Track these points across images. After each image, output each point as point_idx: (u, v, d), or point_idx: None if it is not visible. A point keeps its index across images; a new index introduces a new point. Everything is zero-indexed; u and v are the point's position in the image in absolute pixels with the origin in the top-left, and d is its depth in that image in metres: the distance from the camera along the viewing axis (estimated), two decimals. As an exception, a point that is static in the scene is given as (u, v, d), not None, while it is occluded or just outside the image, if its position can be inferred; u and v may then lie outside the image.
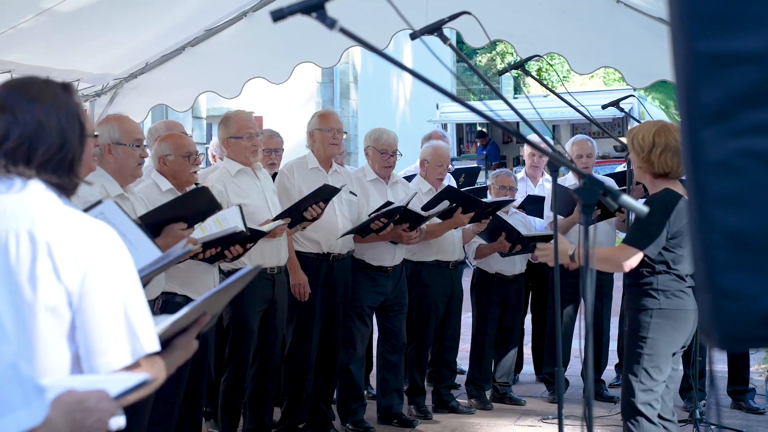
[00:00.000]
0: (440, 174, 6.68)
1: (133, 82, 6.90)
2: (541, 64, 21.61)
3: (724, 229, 1.40)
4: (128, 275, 2.09)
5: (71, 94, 2.19)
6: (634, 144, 4.46)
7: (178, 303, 4.70)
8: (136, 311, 2.07)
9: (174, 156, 4.87)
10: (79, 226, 2.07)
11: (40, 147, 2.10)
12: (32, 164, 2.09)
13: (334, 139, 5.90)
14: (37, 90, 2.15)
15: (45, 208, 2.08)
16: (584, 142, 7.19)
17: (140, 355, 2.06)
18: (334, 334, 5.97)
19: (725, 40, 1.38)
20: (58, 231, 2.04)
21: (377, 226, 5.85)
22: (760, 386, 6.99)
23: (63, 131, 2.12)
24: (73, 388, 1.87)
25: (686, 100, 1.42)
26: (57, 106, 2.14)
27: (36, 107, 2.12)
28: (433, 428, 6.37)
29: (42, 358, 2.03)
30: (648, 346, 4.36)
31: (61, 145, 2.12)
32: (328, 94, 18.15)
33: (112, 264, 2.06)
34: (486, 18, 4.61)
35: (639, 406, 4.35)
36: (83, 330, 2.04)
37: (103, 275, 2.05)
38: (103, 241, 2.08)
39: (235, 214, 4.87)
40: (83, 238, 2.06)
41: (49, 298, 2.01)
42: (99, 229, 2.10)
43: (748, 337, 1.44)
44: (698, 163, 1.41)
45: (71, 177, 2.14)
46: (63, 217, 2.08)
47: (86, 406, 1.84)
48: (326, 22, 2.11)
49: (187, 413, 5.03)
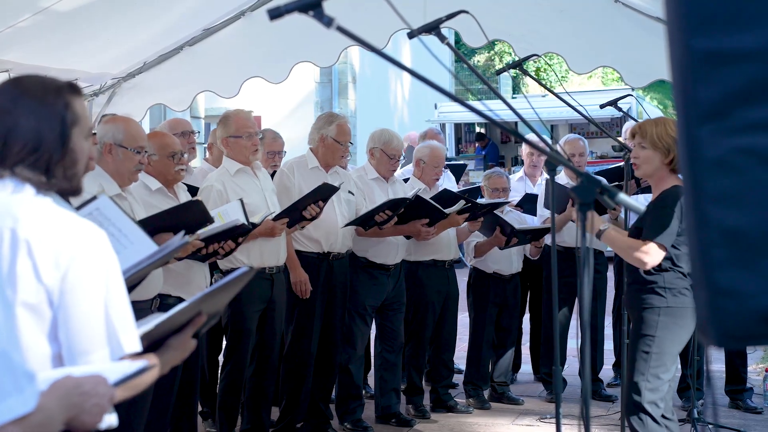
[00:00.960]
0: (436, 174, 6.68)
1: (131, 82, 6.89)
2: (539, 63, 21.61)
3: (720, 227, 1.41)
4: (110, 275, 2.08)
5: (61, 96, 2.17)
6: (658, 142, 4.42)
7: (171, 305, 4.68)
8: (117, 311, 2.06)
9: (158, 156, 4.85)
10: (61, 225, 2.07)
11: (15, 146, 2.09)
12: (6, 163, 2.09)
13: (344, 152, 5.99)
14: (21, 89, 2.15)
15: (29, 207, 2.07)
16: (576, 141, 7.19)
17: (119, 356, 2.05)
18: (334, 334, 5.97)
19: (721, 38, 1.38)
20: (39, 230, 2.04)
21: (381, 219, 5.85)
22: (757, 386, 6.99)
23: (39, 132, 2.11)
24: (70, 374, 1.87)
25: (683, 98, 1.42)
26: (42, 105, 2.13)
27: (17, 107, 2.11)
28: (431, 428, 6.37)
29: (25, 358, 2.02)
30: (656, 344, 4.34)
31: (36, 145, 2.11)
32: (327, 94, 18.14)
33: (93, 263, 2.05)
34: (484, 17, 4.61)
35: (646, 405, 4.32)
36: (64, 329, 2.03)
37: (84, 275, 2.04)
38: (85, 241, 2.06)
39: (237, 209, 4.87)
40: (65, 237, 2.05)
41: (29, 296, 2.01)
42: (82, 229, 2.08)
43: (745, 334, 1.44)
44: (695, 161, 1.41)
45: (48, 177, 2.12)
46: (46, 216, 2.07)
47: (84, 390, 1.85)
48: (323, 21, 2.11)
49: (182, 413, 5.03)
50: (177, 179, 4.93)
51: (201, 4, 6.24)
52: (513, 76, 20.60)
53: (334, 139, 5.88)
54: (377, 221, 5.87)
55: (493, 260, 6.87)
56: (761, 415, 6.59)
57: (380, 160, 6.32)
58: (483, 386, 7.00)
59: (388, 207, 5.81)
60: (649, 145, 4.45)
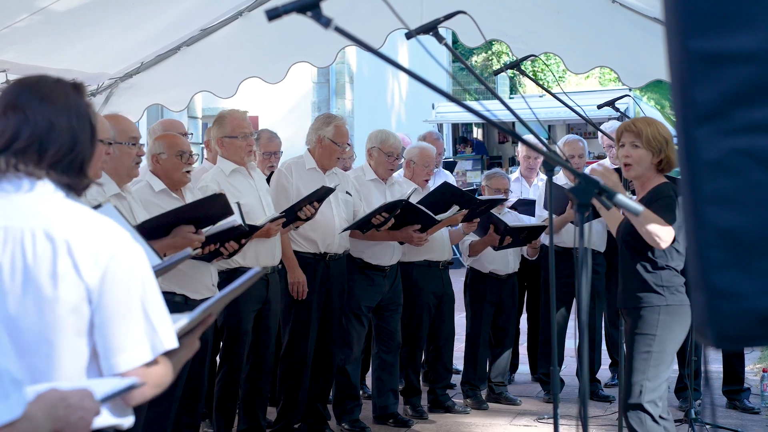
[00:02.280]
0: (427, 175, 6.67)
1: (128, 82, 6.88)
2: (536, 63, 21.62)
3: (718, 228, 1.41)
4: (146, 273, 2.12)
5: (81, 95, 2.19)
6: (652, 142, 4.35)
7: (177, 302, 4.71)
8: (154, 308, 2.11)
9: (167, 155, 4.87)
10: (96, 225, 2.10)
11: (51, 147, 2.11)
12: (43, 164, 2.10)
13: (342, 153, 6.01)
14: (48, 89, 2.15)
15: (58, 207, 2.09)
16: (575, 142, 7.19)
17: (160, 352, 2.09)
18: (331, 334, 5.97)
19: (719, 40, 1.38)
20: (76, 230, 2.06)
21: (378, 221, 5.85)
22: (755, 386, 6.99)
23: (74, 132, 2.13)
24: (56, 387, 1.88)
25: (681, 99, 1.42)
26: (68, 106, 2.14)
27: (47, 107, 2.12)
28: (428, 428, 6.37)
29: (60, 355, 2.05)
30: (656, 343, 4.30)
31: (72, 145, 2.13)
32: (324, 94, 18.13)
33: (131, 261, 2.09)
34: (482, 18, 4.61)
35: (646, 404, 4.30)
36: (102, 327, 2.06)
37: (123, 273, 2.07)
38: (120, 239, 2.10)
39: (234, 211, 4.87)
40: (102, 236, 2.08)
41: (70, 295, 2.04)
42: (114, 228, 2.12)
43: (742, 336, 1.44)
44: (692, 162, 1.41)
45: (81, 177, 2.16)
46: (79, 215, 2.10)
47: (70, 403, 1.86)
48: (321, 21, 2.11)
49: (186, 413, 5.02)
50: (183, 181, 4.93)
51: (198, 4, 6.23)
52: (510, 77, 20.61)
53: (331, 140, 5.88)
54: (374, 224, 5.87)
55: (489, 260, 6.86)
56: (758, 416, 6.59)
57: (378, 159, 6.33)
58: (480, 386, 7.00)
59: (384, 209, 5.81)
60: (644, 145, 4.37)
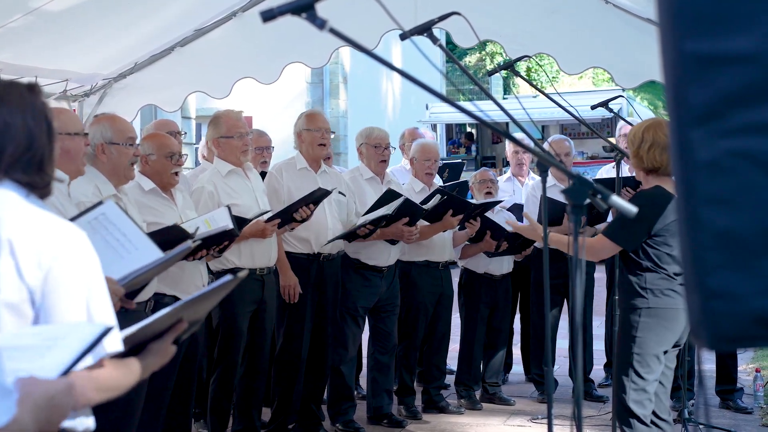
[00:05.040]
0: (428, 168, 6.66)
1: (122, 82, 6.88)
2: (530, 64, 21.62)
3: (713, 230, 1.41)
4: (92, 276, 2.08)
5: (37, 95, 2.18)
6: (628, 140, 4.57)
7: (167, 303, 4.69)
8: (98, 311, 2.07)
9: (156, 156, 4.86)
10: (43, 226, 2.07)
11: (8, 147, 2.09)
12: (1, 165, 2.09)
13: (322, 139, 5.89)
14: (2, 92, 2.14)
15: (11, 207, 2.07)
16: (561, 141, 7.18)
17: (101, 356, 2.04)
18: (325, 335, 5.96)
19: (713, 41, 1.38)
20: (21, 230, 2.04)
21: (363, 233, 5.86)
22: (748, 386, 7.01)
23: (30, 130, 2.11)
24: (34, 376, 1.86)
25: (675, 100, 1.42)
26: (22, 106, 2.13)
27: (1, 108, 2.11)
28: (422, 428, 6.37)
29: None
30: (637, 345, 4.37)
31: (29, 144, 2.11)
32: (318, 94, 18.13)
33: (75, 264, 2.06)
34: (475, 18, 4.61)
35: (631, 405, 4.34)
36: None
37: (67, 275, 2.04)
38: (67, 241, 2.07)
39: (224, 215, 4.86)
40: (47, 237, 2.05)
41: (11, 296, 2.01)
42: (64, 229, 2.09)
43: (737, 336, 1.44)
44: (687, 164, 1.41)
45: (41, 175, 2.13)
46: (28, 216, 2.07)
47: (56, 403, 1.86)
48: (316, 23, 2.10)
49: (177, 414, 5.01)
50: (172, 183, 4.92)
51: (192, 4, 6.23)
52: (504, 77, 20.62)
53: (306, 129, 5.87)
54: (360, 234, 5.87)
55: (484, 261, 6.86)
56: (751, 415, 6.61)
57: (368, 154, 6.35)
58: (474, 387, 7.00)
59: (370, 222, 5.80)
60: (628, 147, 4.58)
